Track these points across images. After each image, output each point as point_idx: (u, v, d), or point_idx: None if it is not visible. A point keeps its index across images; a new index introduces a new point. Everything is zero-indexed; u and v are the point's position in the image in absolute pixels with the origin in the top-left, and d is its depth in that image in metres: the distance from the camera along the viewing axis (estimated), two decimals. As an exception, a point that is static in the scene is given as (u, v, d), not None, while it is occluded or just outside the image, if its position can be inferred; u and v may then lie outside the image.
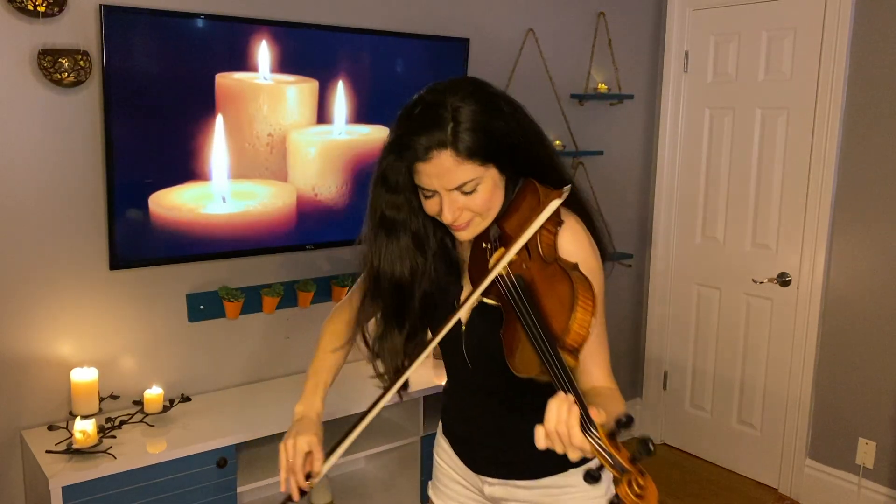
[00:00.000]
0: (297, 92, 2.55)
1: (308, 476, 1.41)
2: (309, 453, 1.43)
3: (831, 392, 3.24)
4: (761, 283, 3.39)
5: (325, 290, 2.76)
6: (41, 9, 2.08)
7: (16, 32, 2.11)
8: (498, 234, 1.30)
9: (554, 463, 1.39)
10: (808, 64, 3.18)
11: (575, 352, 1.11)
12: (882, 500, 3.10)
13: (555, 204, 1.20)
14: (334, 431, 2.79)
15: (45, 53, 2.11)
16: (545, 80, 3.25)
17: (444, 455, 1.60)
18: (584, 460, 1.37)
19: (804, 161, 3.22)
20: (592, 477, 1.06)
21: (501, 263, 1.21)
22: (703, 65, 3.57)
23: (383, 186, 1.35)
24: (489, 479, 1.50)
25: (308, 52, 2.55)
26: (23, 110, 2.15)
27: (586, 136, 3.47)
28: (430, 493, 1.65)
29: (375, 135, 2.74)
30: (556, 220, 1.24)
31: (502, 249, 1.25)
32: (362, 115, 2.70)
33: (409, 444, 2.68)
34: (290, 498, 1.40)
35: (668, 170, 3.73)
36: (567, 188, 1.23)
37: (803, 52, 3.19)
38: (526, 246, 1.22)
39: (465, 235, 1.31)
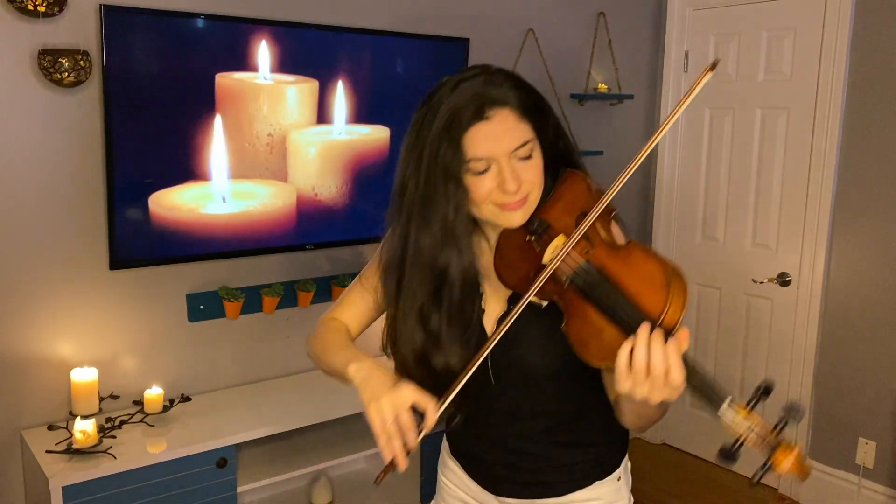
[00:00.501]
0: (297, 92, 2.55)
1: (420, 430, 1.17)
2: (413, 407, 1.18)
3: (831, 392, 3.24)
4: (761, 283, 3.39)
5: (325, 290, 2.76)
6: (41, 9, 2.08)
7: (16, 32, 2.11)
8: (541, 224, 1.21)
9: (578, 478, 1.37)
10: (808, 64, 3.18)
11: (671, 330, 1.04)
12: (882, 500, 3.10)
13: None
14: (333, 432, 2.80)
15: (45, 53, 2.11)
16: (545, 80, 3.25)
17: (453, 476, 1.48)
18: (608, 472, 1.38)
19: (804, 161, 3.22)
20: (729, 456, 1.00)
21: (570, 244, 1.13)
22: (702, 65, 3.56)
23: (430, 167, 1.17)
24: (507, 500, 1.40)
25: (308, 52, 2.55)
26: (23, 110, 2.15)
27: (586, 136, 3.46)
28: None
29: (375, 135, 2.74)
30: (610, 208, 1.19)
31: (562, 236, 1.17)
32: (362, 115, 2.70)
33: (409, 444, 2.68)
34: (392, 465, 1.16)
35: (668, 170, 3.73)
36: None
37: (803, 52, 3.19)
38: (585, 235, 1.15)
39: (518, 218, 1.19)
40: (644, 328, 1.01)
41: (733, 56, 3.44)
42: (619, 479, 1.40)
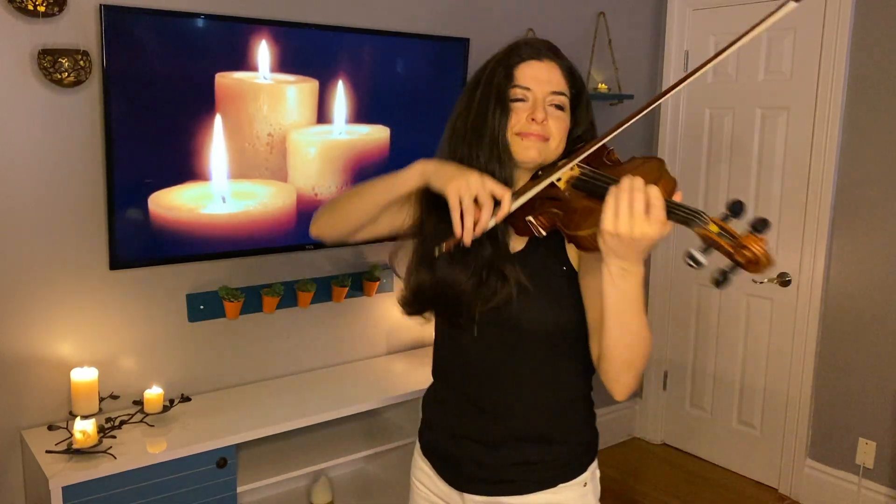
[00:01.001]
0: (297, 92, 2.55)
1: (497, 205, 1.21)
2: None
3: (831, 392, 3.24)
4: (761, 283, 3.39)
5: (325, 290, 2.76)
6: (41, 9, 2.08)
7: (16, 32, 2.11)
8: (549, 166, 1.34)
9: (544, 478, 1.39)
10: (808, 64, 3.18)
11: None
12: (882, 500, 3.10)
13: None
14: (333, 432, 2.80)
15: (45, 53, 2.11)
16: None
17: (423, 476, 1.53)
18: (574, 475, 1.40)
19: (804, 161, 3.22)
20: (693, 259, 1.07)
21: (588, 149, 1.25)
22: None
23: (484, 90, 1.32)
24: (473, 497, 1.43)
25: (308, 51, 2.55)
26: (23, 110, 2.15)
27: (586, 136, 3.46)
28: None
29: (375, 135, 2.74)
30: (609, 147, 1.34)
31: (563, 163, 1.28)
32: (362, 114, 2.70)
33: (408, 444, 2.68)
34: (460, 239, 1.21)
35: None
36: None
37: (803, 52, 3.19)
38: (587, 158, 1.28)
39: (533, 151, 1.31)
40: (628, 176, 1.11)
41: (733, 56, 3.44)
42: (584, 484, 1.42)
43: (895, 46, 2.93)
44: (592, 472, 1.45)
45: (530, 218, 1.24)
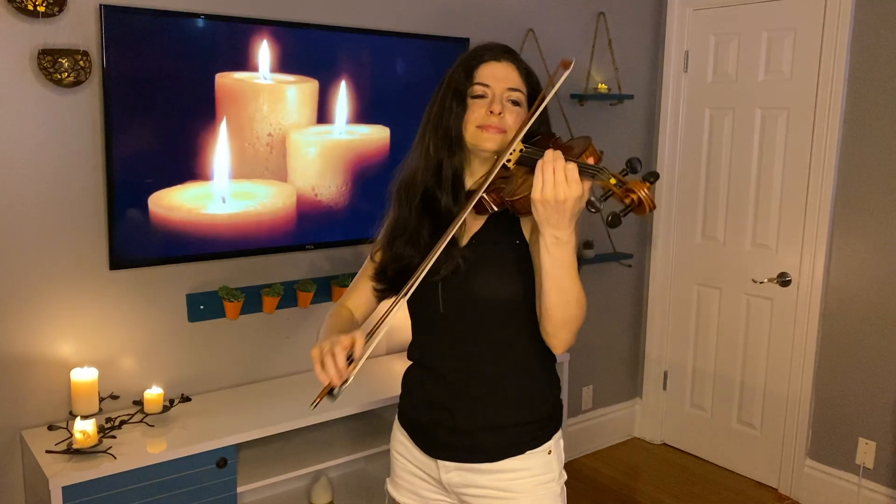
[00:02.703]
0: (298, 92, 2.55)
1: (350, 359, 1.36)
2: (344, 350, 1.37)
3: (831, 392, 3.24)
4: (761, 283, 3.39)
5: (325, 290, 2.76)
6: (41, 9, 2.08)
7: (16, 32, 2.11)
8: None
9: (512, 445, 1.51)
10: (808, 64, 3.18)
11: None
12: (882, 500, 3.10)
13: (564, 75, 1.41)
14: (333, 431, 2.80)
15: (45, 53, 2.11)
16: (545, 80, 3.24)
17: (401, 447, 1.64)
18: (539, 443, 1.52)
19: (804, 161, 3.22)
20: (592, 205, 1.27)
21: (528, 124, 1.41)
22: (703, 65, 3.57)
23: (446, 89, 1.50)
24: (446, 464, 1.54)
25: (308, 51, 2.55)
26: (23, 110, 2.15)
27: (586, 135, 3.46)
28: (389, 487, 1.69)
29: (375, 135, 2.75)
30: (556, 135, 1.49)
31: (520, 144, 1.43)
32: (362, 115, 2.70)
33: (409, 444, 2.68)
34: (331, 390, 1.38)
35: (668, 170, 3.73)
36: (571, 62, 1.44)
37: (803, 52, 3.19)
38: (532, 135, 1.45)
39: (491, 143, 1.45)
40: (549, 150, 1.27)
41: (733, 56, 3.44)
42: (549, 452, 1.54)
43: (895, 46, 2.93)
44: (556, 441, 1.57)
45: (484, 195, 1.41)
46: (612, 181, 1.27)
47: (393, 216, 1.56)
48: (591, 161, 1.31)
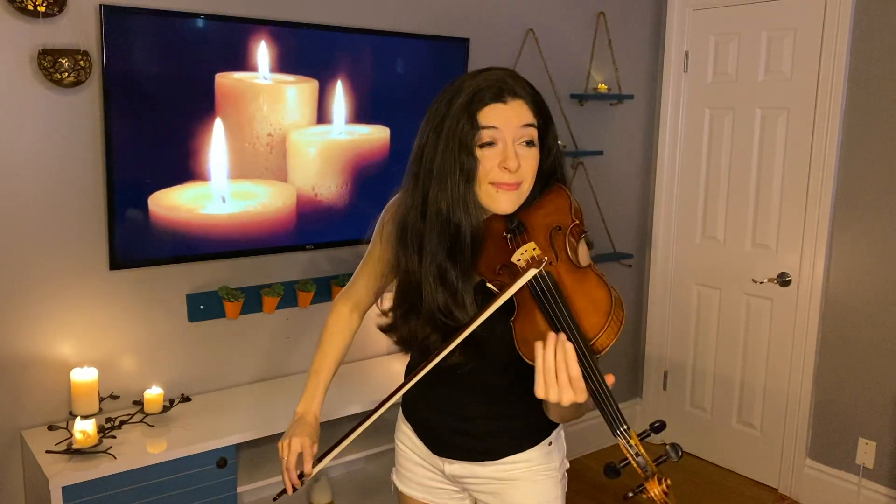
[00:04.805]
0: (297, 92, 2.55)
1: (301, 475, 1.54)
2: (301, 454, 1.56)
3: (831, 392, 3.24)
4: (761, 283, 3.39)
5: (325, 290, 2.76)
6: (41, 9, 2.08)
7: (16, 32, 2.11)
8: (520, 225, 1.36)
9: (516, 443, 1.53)
10: (808, 64, 3.18)
11: (598, 353, 1.21)
12: (882, 500, 3.10)
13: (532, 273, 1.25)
14: (332, 432, 2.80)
15: (45, 53, 2.11)
16: (545, 80, 3.25)
17: (406, 439, 1.65)
18: (542, 438, 1.54)
19: (804, 161, 3.22)
20: (614, 471, 1.20)
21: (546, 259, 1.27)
22: (703, 65, 3.57)
23: (448, 139, 1.33)
24: (449, 460, 1.57)
25: (308, 52, 2.55)
26: (23, 110, 2.15)
27: (586, 136, 3.47)
28: (394, 478, 1.71)
29: (375, 135, 2.75)
30: (582, 230, 1.34)
31: (532, 243, 1.32)
32: (362, 114, 2.70)
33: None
34: (283, 492, 1.55)
35: (668, 170, 3.73)
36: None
37: (803, 52, 3.19)
38: (553, 247, 1.30)
39: (508, 202, 1.34)
40: (553, 335, 1.17)
41: (733, 56, 3.44)
42: (550, 444, 1.57)
43: (895, 46, 2.93)
44: (557, 433, 1.60)
45: (486, 281, 1.33)
46: (633, 442, 1.23)
47: (402, 266, 1.43)
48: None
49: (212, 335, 2.58)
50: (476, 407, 1.52)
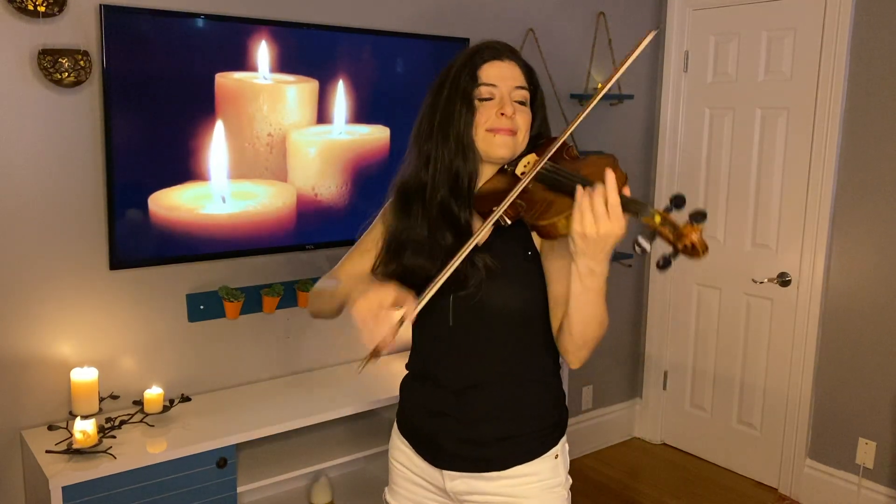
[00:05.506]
0: (297, 92, 2.55)
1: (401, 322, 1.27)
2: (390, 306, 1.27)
3: (831, 392, 3.24)
4: (761, 283, 3.39)
5: (325, 290, 2.76)
6: (41, 9, 2.08)
7: (16, 32, 2.11)
8: (514, 161, 1.44)
9: (522, 452, 1.48)
10: (808, 64, 3.18)
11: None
12: (882, 500, 3.10)
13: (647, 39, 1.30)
14: (324, 435, 2.80)
15: (45, 53, 2.11)
16: (545, 80, 3.25)
17: (402, 456, 1.59)
18: (547, 448, 1.49)
19: (804, 161, 3.22)
20: (640, 246, 1.19)
21: (553, 147, 1.33)
22: (703, 65, 3.57)
23: (450, 92, 1.44)
24: (452, 473, 1.49)
25: (308, 52, 2.55)
26: (23, 110, 2.15)
27: (586, 136, 3.46)
28: (387, 497, 1.64)
29: (375, 135, 2.75)
30: (570, 143, 1.41)
31: (533, 155, 1.41)
32: (362, 114, 2.70)
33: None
34: (375, 352, 1.24)
35: (668, 170, 3.73)
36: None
37: (803, 52, 3.19)
38: (551, 156, 1.35)
39: (504, 147, 1.41)
40: (588, 188, 1.21)
41: (733, 56, 3.44)
42: (556, 456, 1.51)
43: (895, 46, 2.93)
44: (562, 445, 1.54)
45: (496, 208, 1.33)
46: (658, 219, 1.18)
47: (394, 227, 1.49)
48: (618, 185, 1.22)
49: (212, 335, 2.58)
50: (479, 409, 1.46)
